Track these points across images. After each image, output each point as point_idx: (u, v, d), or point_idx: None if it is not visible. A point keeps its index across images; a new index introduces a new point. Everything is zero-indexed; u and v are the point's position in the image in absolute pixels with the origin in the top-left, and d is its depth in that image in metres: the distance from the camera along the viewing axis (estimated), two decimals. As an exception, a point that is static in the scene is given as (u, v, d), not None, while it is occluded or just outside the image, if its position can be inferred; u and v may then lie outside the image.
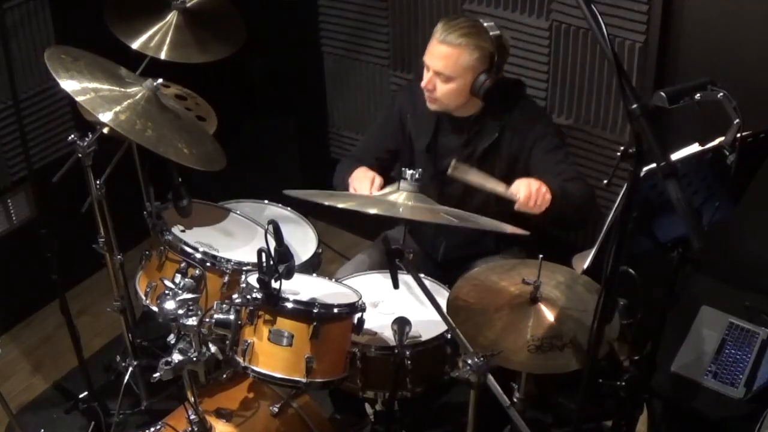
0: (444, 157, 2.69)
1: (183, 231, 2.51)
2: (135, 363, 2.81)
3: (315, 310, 2.14)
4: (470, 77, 2.49)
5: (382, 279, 2.57)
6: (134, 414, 2.90)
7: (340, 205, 1.92)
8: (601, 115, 2.96)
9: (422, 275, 2.17)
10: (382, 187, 2.55)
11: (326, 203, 1.94)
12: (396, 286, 2.08)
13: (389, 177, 2.77)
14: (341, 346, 2.24)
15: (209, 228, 2.64)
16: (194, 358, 2.08)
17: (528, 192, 2.37)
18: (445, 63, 2.48)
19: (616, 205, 1.79)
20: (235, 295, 2.17)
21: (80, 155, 2.43)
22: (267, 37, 3.57)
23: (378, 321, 2.38)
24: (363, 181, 2.58)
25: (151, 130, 2.24)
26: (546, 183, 2.43)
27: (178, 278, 2.20)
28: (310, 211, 2.84)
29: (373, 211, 1.93)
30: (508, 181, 2.48)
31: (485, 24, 2.49)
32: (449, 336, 2.31)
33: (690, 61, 2.72)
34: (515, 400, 2.26)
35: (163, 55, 2.66)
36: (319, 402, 2.51)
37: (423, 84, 2.55)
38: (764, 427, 2.16)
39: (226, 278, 2.41)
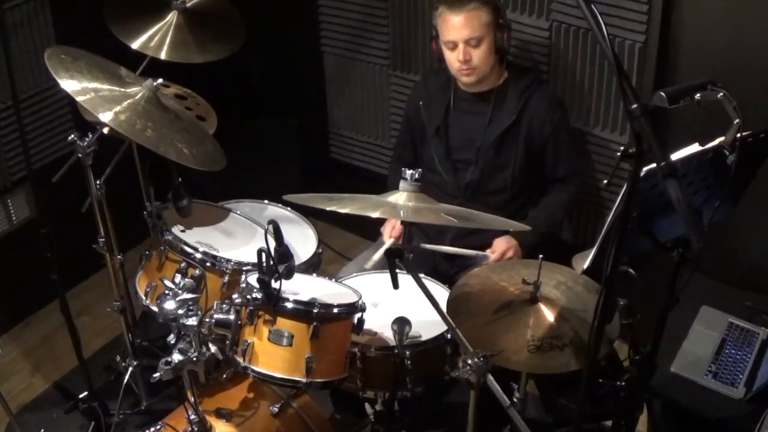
0: (458, 138, 2.80)
1: (183, 231, 2.51)
2: (135, 363, 2.81)
3: (315, 310, 2.14)
4: (493, 32, 2.64)
5: (383, 279, 2.57)
6: (134, 414, 2.90)
7: (341, 210, 1.93)
8: (601, 115, 2.96)
9: (422, 275, 2.17)
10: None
11: (328, 209, 1.95)
12: (396, 286, 2.08)
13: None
14: (341, 346, 2.24)
15: (209, 228, 2.64)
16: (194, 358, 2.08)
17: (498, 257, 2.72)
18: (471, 27, 2.61)
19: (616, 205, 1.79)
20: (235, 295, 2.17)
21: (80, 155, 2.43)
22: (267, 37, 3.57)
23: (378, 321, 2.38)
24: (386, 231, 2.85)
25: (151, 130, 2.24)
26: (521, 241, 2.75)
27: (178, 278, 2.19)
28: (310, 211, 2.83)
29: (375, 214, 1.94)
30: (526, 166, 2.76)
31: None
32: (449, 336, 2.31)
33: (690, 61, 2.71)
34: (515, 400, 2.26)
35: (163, 55, 2.66)
36: (319, 402, 2.51)
37: (459, 59, 2.65)
38: (764, 427, 2.16)
39: (226, 278, 2.41)
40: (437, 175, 2.83)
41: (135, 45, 2.66)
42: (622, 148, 1.50)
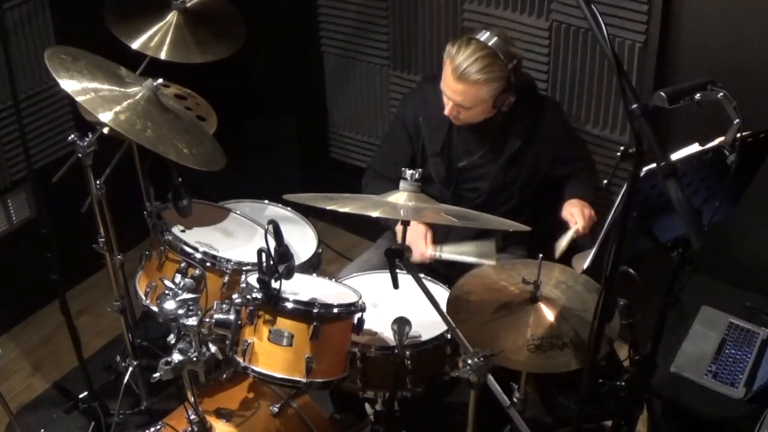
0: (461, 158, 2.73)
1: (183, 231, 2.51)
2: (135, 363, 2.81)
3: (315, 310, 2.14)
4: (492, 101, 2.53)
5: (383, 279, 2.57)
6: (134, 414, 2.90)
7: (341, 210, 1.93)
8: (601, 115, 2.96)
9: (422, 275, 2.17)
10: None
11: (328, 208, 1.95)
12: (396, 286, 2.08)
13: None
14: (341, 346, 2.24)
15: (209, 228, 2.64)
16: (194, 358, 2.08)
17: (584, 224, 2.59)
18: (464, 98, 2.51)
19: (616, 205, 1.79)
20: (235, 295, 2.17)
21: (80, 155, 2.43)
22: (267, 37, 3.57)
23: (378, 321, 2.38)
24: (419, 241, 2.62)
25: (151, 130, 2.24)
26: (585, 200, 2.69)
27: (178, 278, 2.20)
28: (310, 211, 2.84)
29: (375, 214, 1.94)
30: (534, 178, 2.73)
31: (501, 53, 2.46)
32: (449, 336, 2.31)
33: (690, 61, 2.71)
34: (515, 400, 2.26)
35: (163, 55, 2.66)
36: (319, 402, 2.51)
37: (446, 112, 2.58)
38: (764, 427, 2.16)
39: (226, 278, 2.41)
40: (436, 190, 2.75)
41: (135, 45, 2.66)
42: (622, 148, 1.50)
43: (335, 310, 2.18)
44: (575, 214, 2.61)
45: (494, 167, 2.69)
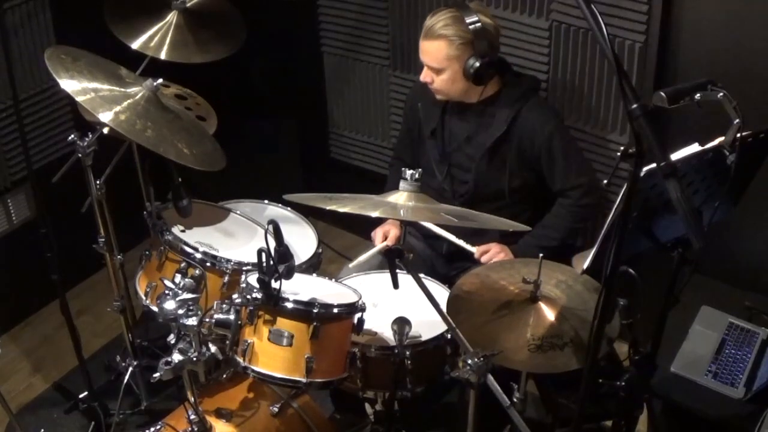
0: (452, 143, 2.77)
1: (183, 231, 2.51)
2: (135, 363, 2.81)
3: (315, 310, 2.14)
4: (458, 65, 2.58)
5: (383, 279, 2.57)
6: (134, 414, 2.90)
7: (341, 210, 1.93)
8: (601, 115, 2.96)
9: (422, 275, 2.17)
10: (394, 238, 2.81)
11: (327, 208, 1.95)
12: (396, 286, 2.08)
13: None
14: (341, 346, 2.24)
15: (209, 228, 2.64)
16: (194, 358, 2.08)
17: (481, 252, 2.71)
18: (430, 57, 2.60)
19: (616, 205, 1.79)
20: (235, 295, 2.17)
21: (80, 155, 2.43)
22: (267, 37, 3.57)
23: (378, 321, 2.38)
24: (390, 231, 2.85)
25: (151, 130, 2.24)
26: (514, 249, 2.73)
27: (178, 278, 2.19)
28: (310, 211, 2.83)
29: (374, 214, 1.94)
30: (522, 174, 2.70)
31: (466, 16, 2.54)
32: (449, 336, 2.31)
33: (690, 61, 2.72)
34: (515, 400, 2.26)
35: (163, 55, 2.66)
36: (319, 402, 2.51)
37: (421, 78, 2.67)
38: (764, 427, 2.16)
39: (226, 278, 2.41)
40: (435, 180, 2.80)
41: (135, 45, 2.66)
42: (622, 148, 1.50)
43: (335, 310, 2.18)
44: (482, 248, 2.71)
45: (477, 155, 2.70)
